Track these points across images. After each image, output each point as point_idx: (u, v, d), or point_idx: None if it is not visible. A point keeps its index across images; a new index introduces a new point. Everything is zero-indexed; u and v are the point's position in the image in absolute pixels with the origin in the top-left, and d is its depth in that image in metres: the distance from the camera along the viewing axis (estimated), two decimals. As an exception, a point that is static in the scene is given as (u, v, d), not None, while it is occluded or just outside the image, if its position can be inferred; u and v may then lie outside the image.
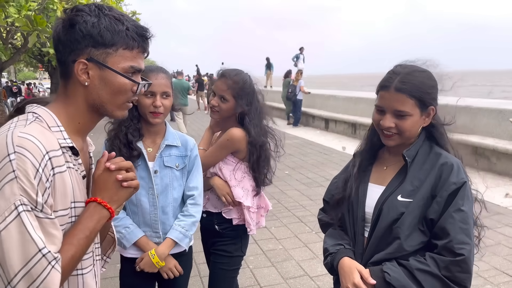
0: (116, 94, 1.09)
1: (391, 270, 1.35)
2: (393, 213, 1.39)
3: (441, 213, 1.35)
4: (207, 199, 2.20)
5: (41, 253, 0.91)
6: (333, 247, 1.54)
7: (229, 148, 2.13)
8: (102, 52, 1.06)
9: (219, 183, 2.15)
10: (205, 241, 2.31)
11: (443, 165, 1.39)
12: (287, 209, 5.40)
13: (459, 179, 1.36)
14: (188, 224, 1.96)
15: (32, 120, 1.02)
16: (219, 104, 2.10)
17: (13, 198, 0.90)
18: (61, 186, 1.01)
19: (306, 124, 13.69)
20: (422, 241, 1.38)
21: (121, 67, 1.08)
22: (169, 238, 1.92)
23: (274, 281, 3.56)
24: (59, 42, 1.07)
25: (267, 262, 3.93)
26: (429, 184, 1.39)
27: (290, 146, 9.89)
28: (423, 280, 1.31)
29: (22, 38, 10.74)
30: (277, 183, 6.63)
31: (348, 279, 1.42)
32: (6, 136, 0.95)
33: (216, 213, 2.20)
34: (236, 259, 2.23)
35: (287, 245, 4.28)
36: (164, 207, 1.94)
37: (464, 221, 1.32)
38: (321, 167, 7.55)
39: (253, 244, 4.32)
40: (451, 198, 1.34)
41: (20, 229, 0.90)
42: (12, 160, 0.91)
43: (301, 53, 18.51)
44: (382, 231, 1.42)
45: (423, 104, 1.41)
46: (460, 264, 1.29)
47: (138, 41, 1.09)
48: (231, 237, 2.20)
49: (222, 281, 2.19)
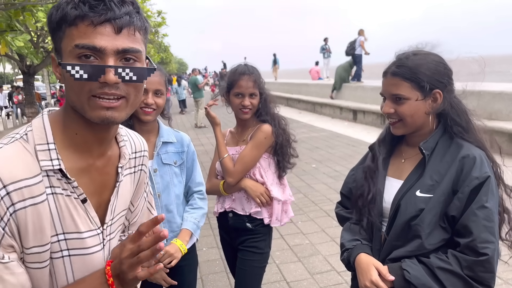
0: (73, 89, 0.85)
1: (411, 267, 1.30)
2: (412, 209, 1.33)
3: (463, 210, 1.28)
4: (232, 200, 2.19)
5: None
6: (349, 243, 1.51)
7: (266, 146, 2.12)
8: (58, 39, 0.86)
9: (251, 184, 2.12)
10: (230, 240, 2.28)
11: (464, 158, 1.31)
12: (314, 203, 5.34)
13: (482, 173, 1.28)
14: (199, 216, 2.01)
15: (17, 138, 0.87)
16: (251, 103, 2.09)
17: None
18: (35, 220, 0.84)
19: (333, 116, 13.51)
20: (443, 238, 1.32)
21: (68, 51, 0.83)
22: (185, 229, 1.95)
23: (300, 277, 3.52)
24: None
25: (294, 257, 3.90)
26: (450, 179, 1.31)
27: (317, 139, 9.79)
28: (445, 279, 1.25)
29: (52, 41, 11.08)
30: (303, 176, 6.57)
31: (365, 276, 1.38)
32: None
33: (244, 215, 2.18)
34: (266, 256, 2.23)
35: (314, 240, 4.23)
36: (168, 205, 1.94)
37: (488, 218, 1.25)
38: (349, 160, 7.41)
39: (280, 239, 4.29)
40: (474, 194, 1.27)
41: None
42: None
43: (326, 44, 18.26)
44: (400, 228, 1.37)
45: (422, 87, 1.34)
46: (484, 264, 1.23)
47: (82, 9, 0.81)
48: (262, 233, 2.18)
49: (252, 278, 2.18)
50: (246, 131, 2.19)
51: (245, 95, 2.07)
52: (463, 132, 1.37)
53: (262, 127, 2.11)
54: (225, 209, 2.20)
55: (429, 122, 1.39)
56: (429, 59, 1.37)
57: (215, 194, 2.25)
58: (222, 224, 2.28)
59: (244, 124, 2.20)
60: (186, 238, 1.93)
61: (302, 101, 16.60)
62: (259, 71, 2.17)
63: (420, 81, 1.34)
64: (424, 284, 1.27)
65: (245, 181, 2.12)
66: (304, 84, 18.30)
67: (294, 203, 5.37)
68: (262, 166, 2.14)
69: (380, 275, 1.35)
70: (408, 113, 1.36)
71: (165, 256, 1.87)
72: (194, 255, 2.11)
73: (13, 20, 5.74)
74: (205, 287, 3.48)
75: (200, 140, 10.49)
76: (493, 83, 9.14)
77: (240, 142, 2.20)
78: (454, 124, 1.38)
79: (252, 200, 2.13)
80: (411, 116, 1.36)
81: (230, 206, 2.18)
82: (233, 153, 2.17)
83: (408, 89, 1.35)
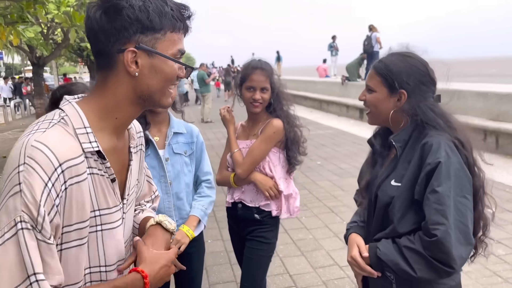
0: (166, 82, 1.01)
1: (382, 246, 1.43)
2: (385, 197, 1.45)
3: (423, 195, 1.36)
4: (242, 192, 2.24)
5: (29, 280, 0.82)
6: (349, 224, 1.70)
7: (275, 140, 2.17)
8: (151, 38, 0.97)
9: (261, 178, 2.18)
10: (238, 230, 2.34)
11: (424, 145, 1.39)
12: (319, 199, 5.39)
13: (434, 159, 1.33)
14: (207, 203, 2.09)
15: (55, 123, 0.94)
16: (262, 97, 2.14)
17: (14, 214, 0.83)
18: (78, 197, 0.92)
19: (340, 113, 13.52)
20: (416, 221, 1.39)
21: (170, 53, 0.99)
22: (193, 216, 2.03)
23: (303, 270, 3.58)
24: (100, 31, 0.95)
25: (297, 251, 3.96)
26: (414, 166, 1.40)
27: (323, 136, 9.82)
28: (410, 257, 1.36)
29: (62, 33, 11.18)
30: (309, 173, 6.62)
31: (348, 251, 1.56)
32: (22, 144, 0.88)
33: (253, 206, 2.23)
34: (272, 246, 2.29)
35: (318, 235, 4.29)
36: (178, 193, 2.01)
37: (439, 201, 1.31)
38: (354, 158, 7.45)
39: (284, 234, 4.35)
40: (428, 179, 1.35)
41: (16, 248, 0.82)
42: (20, 172, 0.84)
43: (333, 41, 18.24)
44: (380, 213, 1.50)
45: (390, 85, 1.46)
46: (436, 244, 1.30)
47: (183, 21, 1.01)
48: (270, 224, 2.25)
49: (259, 267, 2.25)
50: (257, 125, 2.24)
51: (256, 89, 2.13)
52: (436, 127, 1.42)
53: (272, 121, 2.16)
54: (234, 200, 2.26)
55: (403, 120, 1.48)
56: (406, 61, 1.47)
57: (225, 186, 2.32)
58: (232, 214, 2.34)
59: (255, 118, 2.25)
60: (193, 224, 2.01)
61: (309, 98, 16.62)
62: (272, 67, 2.22)
63: (389, 78, 1.46)
64: (392, 260, 1.38)
65: (255, 174, 2.18)
66: (311, 82, 18.32)
67: (299, 198, 5.44)
68: (272, 160, 2.19)
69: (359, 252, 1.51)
70: (372, 103, 1.51)
71: (173, 243, 1.93)
72: (202, 243, 2.17)
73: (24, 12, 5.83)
74: (209, 277, 3.55)
75: (206, 135, 10.55)
76: (500, 84, 9.13)
77: (251, 136, 2.25)
78: (424, 123, 1.43)
79: (261, 193, 2.19)
80: (374, 106, 1.51)
81: (240, 198, 2.25)
82: (243, 146, 2.23)
83: (378, 83, 1.49)
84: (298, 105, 17.50)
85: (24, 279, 0.82)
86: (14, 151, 0.88)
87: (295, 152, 2.20)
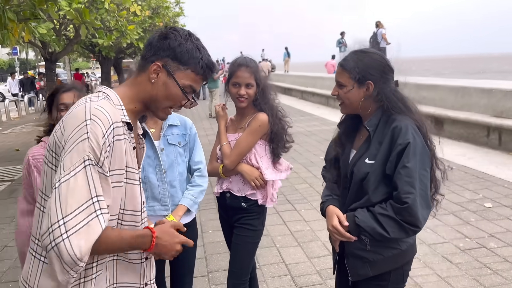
0: (167, 99, 1.33)
1: (360, 214, 1.69)
2: (361, 173, 1.71)
3: (393, 170, 1.63)
4: (229, 182, 2.39)
5: (91, 200, 1.14)
6: (324, 197, 1.93)
7: (261, 133, 2.31)
8: (175, 66, 1.32)
9: (247, 169, 2.32)
10: (227, 218, 2.49)
11: (394, 128, 1.66)
12: (319, 193, 5.50)
13: (404, 140, 1.61)
14: (197, 193, 2.23)
15: (102, 98, 1.27)
16: (247, 92, 2.28)
17: (83, 153, 1.15)
18: (119, 151, 1.24)
19: (347, 110, 13.57)
20: (386, 192, 1.68)
21: (182, 83, 1.33)
22: (181, 205, 2.18)
23: (298, 260, 3.72)
24: (150, 44, 1.34)
25: (294, 242, 4.10)
26: (385, 147, 1.67)
27: (328, 132, 9.91)
28: (384, 222, 1.63)
29: (74, 30, 11.41)
30: (311, 168, 6.73)
31: (329, 221, 1.79)
32: (84, 107, 1.21)
33: (240, 196, 2.38)
34: (259, 232, 2.42)
35: (315, 227, 4.42)
36: (172, 181, 2.16)
37: (409, 175, 1.59)
38: (357, 153, 7.54)
39: (282, 225, 4.49)
40: (399, 157, 1.62)
41: (84, 177, 1.14)
42: (88, 124, 1.17)
43: (342, 37, 18.25)
44: (355, 187, 1.75)
45: (357, 78, 1.69)
46: (407, 210, 1.59)
47: (205, 71, 1.36)
48: (256, 212, 2.38)
49: (246, 253, 2.39)
50: (244, 119, 2.38)
51: (241, 85, 2.27)
52: (399, 110, 1.71)
53: (258, 115, 2.30)
54: (223, 190, 2.41)
55: (370, 106, 1.74)
56: (367, 56, 1.74)
57: (215, 176, 2.46)
58: (221, 203, 2.49)
59: (243, 113, 2.39)
60: (179, 213, 2.16)
61: (316, 94, 16.68)
62: (257, 64, 2.37)
63: (355, 73, 1.70)
64: (369, 226, 1.65)
65: (241, 166, 2.33)
66: (319, 78, 18.35)
67: (299, 192, 5.57)
68: (258, 152, 2.34)
69: (340, 222, 1.74)
70: (345, 97, 1.75)
71: None
72: (194, 229, 2.33)
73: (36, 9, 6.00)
74: (208, 265, 3.71)
75: (213, 129, 10.72)
76: (504, 81, 9.10)
77: (239, 129, 2.40)
78: (390, 107, 1.71)
79: (248, 183, 2.33)
80: (347, 99, 1.75)
81: (228, 187, 2.39)
82: (232, 139, 2.38)
83: (346, 78, 1.73)
84: (305, 101, 17.61)
85: (90, 198, 1.14)
86: (78, 112, 1.20)
87: (281, 142, 2.35)
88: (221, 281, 3.39)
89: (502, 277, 3.22)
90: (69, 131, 1.18)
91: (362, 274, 1.75)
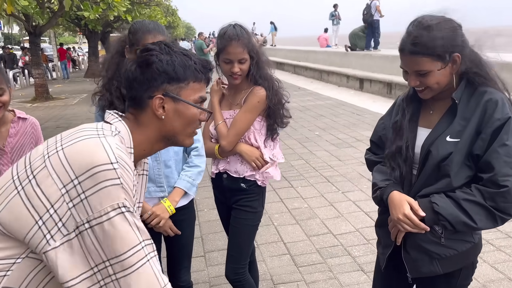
0: (188, 125, 1.20)
1: (439, 201, 1.46)
2: (442, 153, 1.47)
3: (486, 149, 1.42)
4: (227, 162, 2.22)
5: (140, 245, 1.01)
6: (382, 182, 1.66)
7: (260, 109, 2.12)
8: (176, 87, 1.15)
9: (246, 149, 2.15)
10: (224, 200, 2.32)
11: (487, 101, 1.43)
12: (315, 169, 5.41)
13: (503, 114, 1.41)
14: (194, 174, 2.06)
15: (116, 133, 1.11)
16: (240, 69, 2.07)
17: (118, 199, 0.99)
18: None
19: (340, 84, 13.41)
20: (468, 175, 1.47)
21: (192, 99, 1.18)
22: (178, 188, 2.01)
23: (297, 238, 3.64)
24: (134, 81, 1.15)
25: (292, 220, 4.00)
26: (475, 122, 1.44)
27: (321, 107, 9.78)
28: (470, 209, 1.42)
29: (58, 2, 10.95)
30: (306, 143, 6.62)
31: (399, 210, 1.53)
32: (101, 143, 1.02)
33: (238, 177, 2.21)
34: (259, 214, 2.28)
35: (313, 204, 4.33)
36: (167, 161, 2.00)
37: (509, 154, 1.39)
38: (352, 128, 7.44)
39: (279, 203, 4.40)
40: (496, 133, 1.40)
41: (124, 223, 0.99)
42: (116, 168, 0.99)
43: (335, 10, 17.89)
44: (430, 169, 1.51)
45: (441, 56, 1.43)
46: (504, 195, 1.39)
47: (204, 73, 1.20)
48: (256, 193, 2.22)
49: (245, 236, 2.25)
50: (239, 94, 2.18)
51: (234, 61, 2.04)
52: (485, 80, 1.48)
53: (255, 90, 2.10)
54: (219, 171, 2.24)
55: (453, 79, 1.49)
56: (441, 28, 1.43)
57: (210, 157, 2.27)
58: (217, 184, 2.32)
59: (237, 88, 2.18)
60: (176, 199, 1.99)
61: (309, 68, 16.45)
62: (249, 33, 2.12)
63: (438, 53, 1.42)
64: (451, 214, 1.43)
65: (240, 145, 2.15)
66: (312, 51, 18.09)
67: (295, 168, 5.47)
68: (256, 129, 2.15)
69: (412, 210, 1.50)
70: (433, 82, 1.47)
71: (152, 216, 1.95)
72: (192, 210, 2.19)
73: (17, -21, 5.68)
74: (205, 245, 3.61)
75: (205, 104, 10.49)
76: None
77: (234, 105, 2.19)
78: (475, 76, 1.48)
79: (247, 164, 2.17)
80: (437, 83, 1.47)
81: (225, 168, 2.22)
82: (227, 117, 2.18)
83: (429, 63, 1.43)
84: (298, 75, 17.39)
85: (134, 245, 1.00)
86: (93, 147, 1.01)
87: (278, 118, 2.16)
88: (219, 261, 3.29)
89: (505, 254, 3.17)
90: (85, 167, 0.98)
91: (427, 271, 1.55)
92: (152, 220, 1.95)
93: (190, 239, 2.20)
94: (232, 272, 2.22)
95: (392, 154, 1.64)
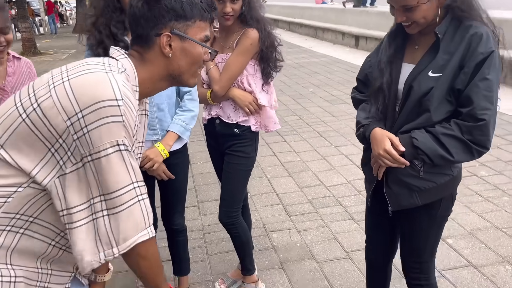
0: (193, 63, 1.18)
1: (418, 135, 1.48)
2: (423, 88, 1.47)
3: (467, 83, 1.41)
4: (220, 107, 2.19)
5: (133, 185, 1.04)
6: (365, 120, 1.68)
7: (252, 52, 2.07)
8: (183, 25, 1.14)
9: (239, 94, 2.11)
10: (217, 146, 2.30)
11: (472, 35, 1.41)
12: (308, 124, 5.41)
13: (487, 48, 1.39)
14: (188, 118, 2.02)
15: (123, 71, 1.09)
16: (233, 8, 2.00)
17: (117, 136, 1.00)
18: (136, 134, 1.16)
19: (335, 41, 13.20)
20: (449, 110, 1.47)
21: (198, 37, 1.16)
22: (171, 132, 1.98)
23: (290, 189, 3.68)
24: (141, 18, 1.12)
25: (285, 172, 4.04)
26: (458, 57, 1.43)
27: (316, 64, 9.66)
28: (447, 143, 1.43)
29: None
30: (300, 100, 6.58)
31: (379, 146, 1.55)
32: (109, 78, 1.02)
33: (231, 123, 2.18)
34: (252, 160, 2.27)
35: (305, 158, 4.35)
36: (159, 104, 1.96)
37: (489, 88, 1.39)
38: (346, 85, 7.38)
39: (272, 156, 4.42)
40: (478, 67, 1.39)
41: (120, 161, 1.01)
42: (120, 106, 1.00)
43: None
44: (411, 105, 1.51)
45: None
46: (481, 128, 1.40)
47: (210, 12, 1.18)
48: (249, 138, 2.20)
49: (238, 181, 2.25)
50: (231, 37, 2.11)
51: (226, 1, 1.97)
52: (469, 12, 1.44)
53: (247, 32, 2.04)
54: (212, 116, 2.21)
55: (438, 13, 1.46)
56: None
57: (202, 103, 2.23)
58: (209, 130, 2.30)
59: (228, 29, 2.11)
60: (169, 143, 1.97)
61: (304, 25, 16.11)
62: None
63: None
64: (430, 148, 1.45)
65: (233, 90, 2.11)
66: (307, 8, 17.64)
67: (288, 124, 5.46)
68: (250, 73, 2.11)
69: (392, 145, 1.52)
70: (420, 17, 1.44)
71: (145, 160, 1.93)
72: (186, 154, 2.17)
73: None
74: (198, 196, 3.64)
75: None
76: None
77: (226, 49, 2.13)
78: (460, 11, 1.44)
79: (240, 109, 2.14)
80: (423, 17, 1.44)
81: (217, 113, 2.19)
82: (219, 61, 2.12)
83: None
84: (293, 32, 17.04)
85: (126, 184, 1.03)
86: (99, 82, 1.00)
87: (271, 61, 2.11)
88: (212, 211, 3.34)
89: (493, 204, 3.24)
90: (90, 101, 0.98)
91: (407, 204, 1.59)
92: (146, 164, 1.94)
93: (184, 183, 2.21)
94: (225, 216, 2.25)
95: (376, 91, 1.63)
